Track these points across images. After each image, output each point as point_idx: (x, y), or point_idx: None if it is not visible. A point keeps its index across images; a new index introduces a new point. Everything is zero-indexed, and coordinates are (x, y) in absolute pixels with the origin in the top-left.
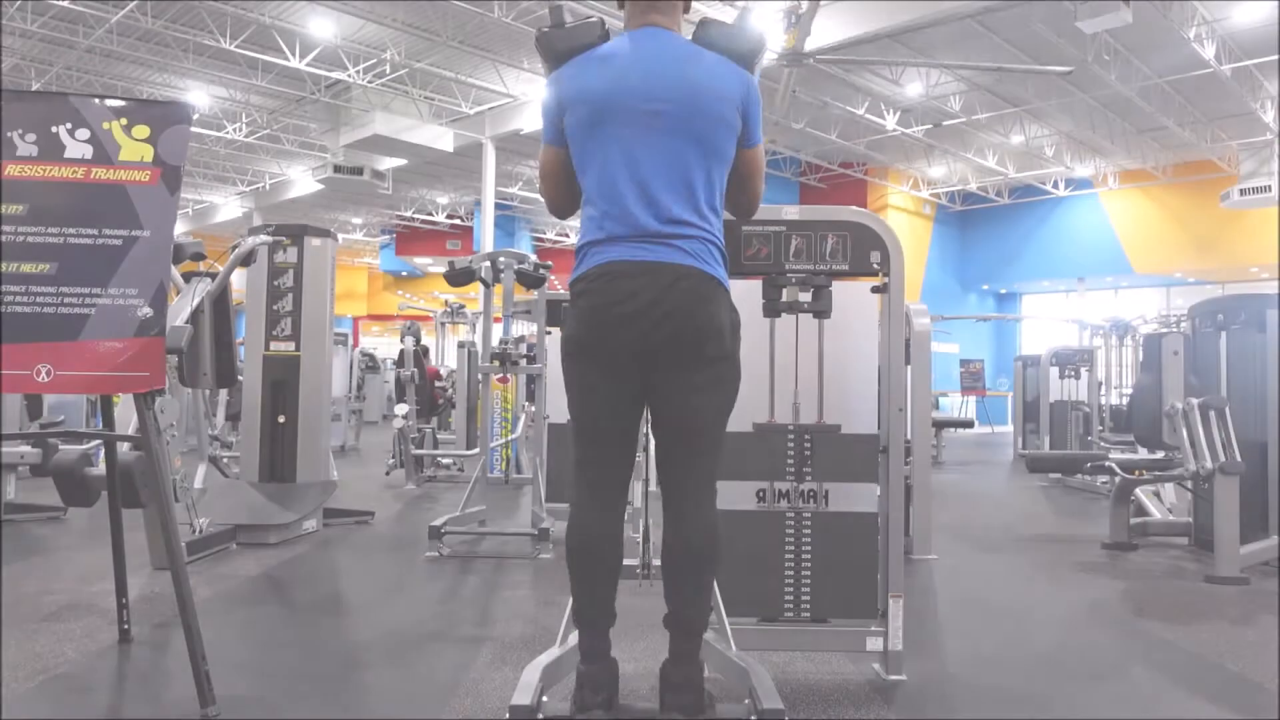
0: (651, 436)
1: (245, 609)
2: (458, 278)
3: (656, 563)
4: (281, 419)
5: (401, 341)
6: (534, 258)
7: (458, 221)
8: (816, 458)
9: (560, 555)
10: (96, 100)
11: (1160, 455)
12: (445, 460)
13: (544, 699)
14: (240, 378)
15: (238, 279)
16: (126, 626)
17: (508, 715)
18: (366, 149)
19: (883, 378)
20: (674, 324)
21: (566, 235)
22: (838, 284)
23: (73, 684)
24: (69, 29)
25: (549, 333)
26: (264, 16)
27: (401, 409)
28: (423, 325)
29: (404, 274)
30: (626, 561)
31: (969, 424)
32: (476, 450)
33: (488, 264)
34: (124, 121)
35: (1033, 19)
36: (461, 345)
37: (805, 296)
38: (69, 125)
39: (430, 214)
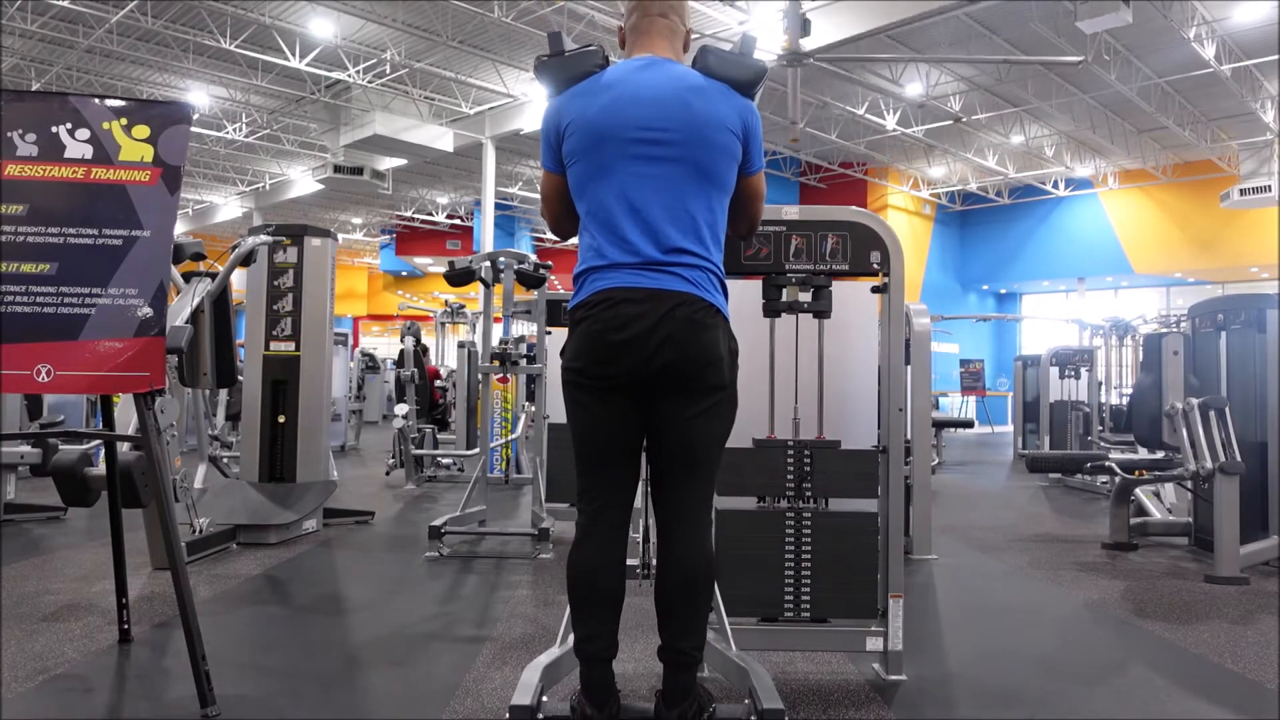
0: (646, 463)
1: (245, 609)
2: (458, 278)
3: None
4: (281, 419)
5: (401, 341)
6: (534, 258)
7: (458, 221)
8: (816, 474)
9: (560, 555)
10: (96, 100)
11: (1160, 455)
12: (445, 460)
13: (544, 699)
14: (240, 378)
15: (238, 279)
16: (126, 626)
17: (508, 715)
18: (366, 149)
19: (883, 378)
20: (673, 351)
21: None
22: (838, 284)
23: (73, 684)
24: (69, 29)
25: (549, 333)
26: (264, 16)
27: (401, 409)
28: (423, 325)
29: (404, 274)
30: (628, 562)
31: (969, 424)
32: (476, 450)
33: (488, 264)
34: (124, 121)
35: (1032, 18)
36: (461, 345)
37: (805, 296)
38: (69, 125)
39: (430, 214)
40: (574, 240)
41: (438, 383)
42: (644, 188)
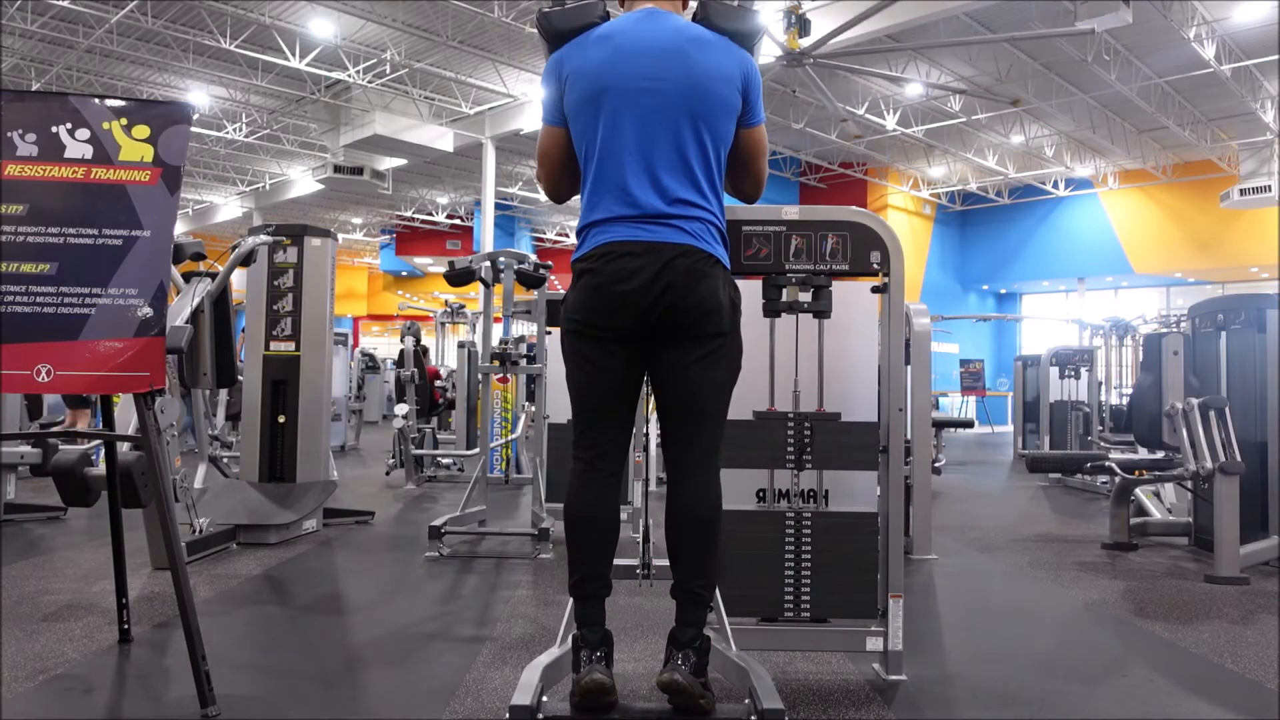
0: (655, 415)
1: (245, 609)
2: (458, 278)
3: (658, 562)
4: (281, 419)
5: (401, 341)
6: (534, 258)
7: (458, 221)
8: (816, 445)
9: (560, 555)
10: (96, 100)
11: (1160, 455)
12: (445, 460)
13: (544, 699)
14: (240, 378)
15: (238, 279)
16: (126, 626)
17: (508, 715)
18: (366, 149)
19: (883, 378)
20: (673, 300)
21: (566, 235)
22: (838, 284)
23: (73, 684)
24: (69, 29)
25: (549, 333)
26: (264, 16)
27: (401, 409)
28: (423, 325)
29: (404, 274)
30: (628, 562)
31: (969, 424)
32: (476, 450)
33: (488, 264)
34: (124, 121)
35: (1032, 19)
36: (461, 345)
37: (805, 296)
38: (69, 125)
39: (430, 214)
40: (574, 240)
41: (438, 383)
42: (644, 138)
